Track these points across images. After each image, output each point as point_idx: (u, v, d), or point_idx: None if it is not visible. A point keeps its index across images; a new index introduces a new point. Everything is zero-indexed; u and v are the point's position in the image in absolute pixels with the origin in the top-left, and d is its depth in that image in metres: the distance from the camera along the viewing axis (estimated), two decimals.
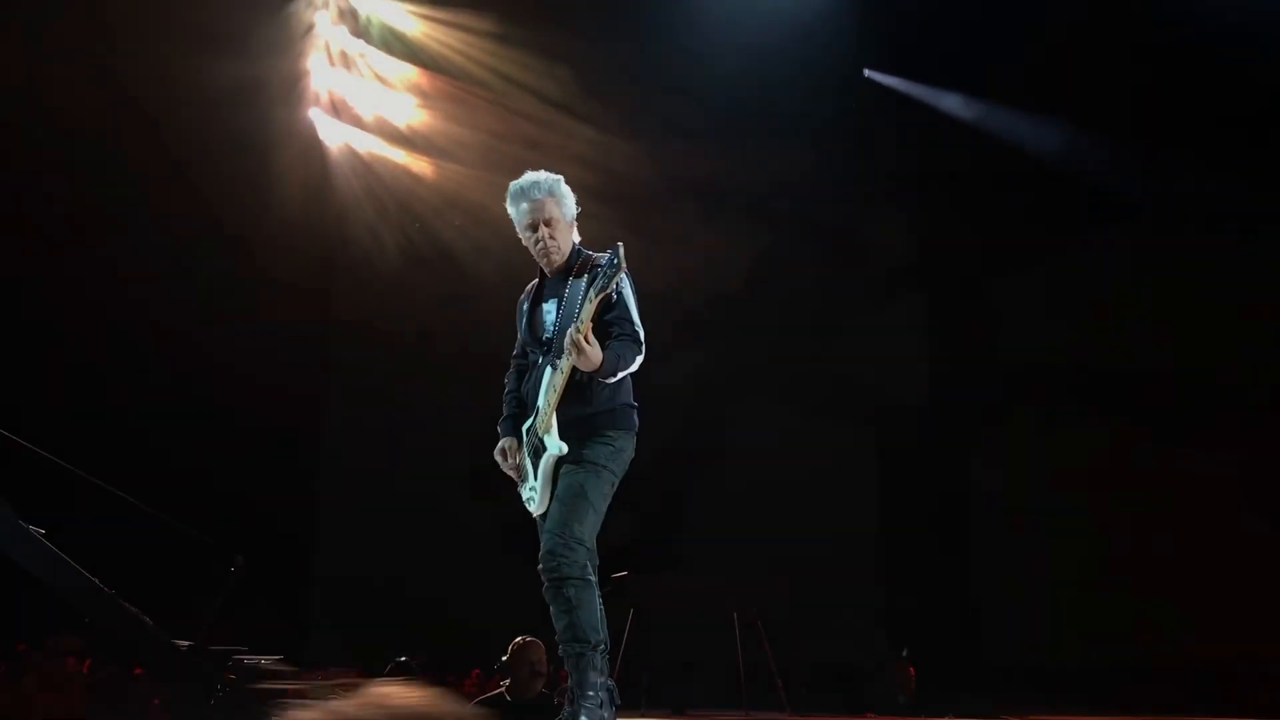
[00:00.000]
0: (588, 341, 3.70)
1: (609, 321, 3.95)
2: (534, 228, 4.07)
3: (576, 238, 4.18)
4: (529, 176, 4.15)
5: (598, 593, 3.91)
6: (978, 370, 12.78)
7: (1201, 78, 10.85)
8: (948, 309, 13.01)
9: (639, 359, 3.97)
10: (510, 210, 4.17)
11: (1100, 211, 11.89)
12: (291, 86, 11.93)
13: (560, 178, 4.16)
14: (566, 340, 3.75)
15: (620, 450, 4.03)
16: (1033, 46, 11.35)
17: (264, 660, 7.15)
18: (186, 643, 6.88)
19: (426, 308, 12.48)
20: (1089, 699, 10.26)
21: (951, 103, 12.22)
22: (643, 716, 8.77)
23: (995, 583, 12.56)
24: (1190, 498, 11.35)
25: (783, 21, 11.51)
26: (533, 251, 4.13)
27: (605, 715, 3.83)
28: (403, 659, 8.15)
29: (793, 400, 12.15)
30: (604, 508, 3.98)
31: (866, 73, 12.43)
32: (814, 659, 11.20)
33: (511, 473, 4.15)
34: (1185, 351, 11.73)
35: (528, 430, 4.09)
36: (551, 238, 4.05)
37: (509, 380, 4.34)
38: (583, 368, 3.76)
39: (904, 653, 10.88)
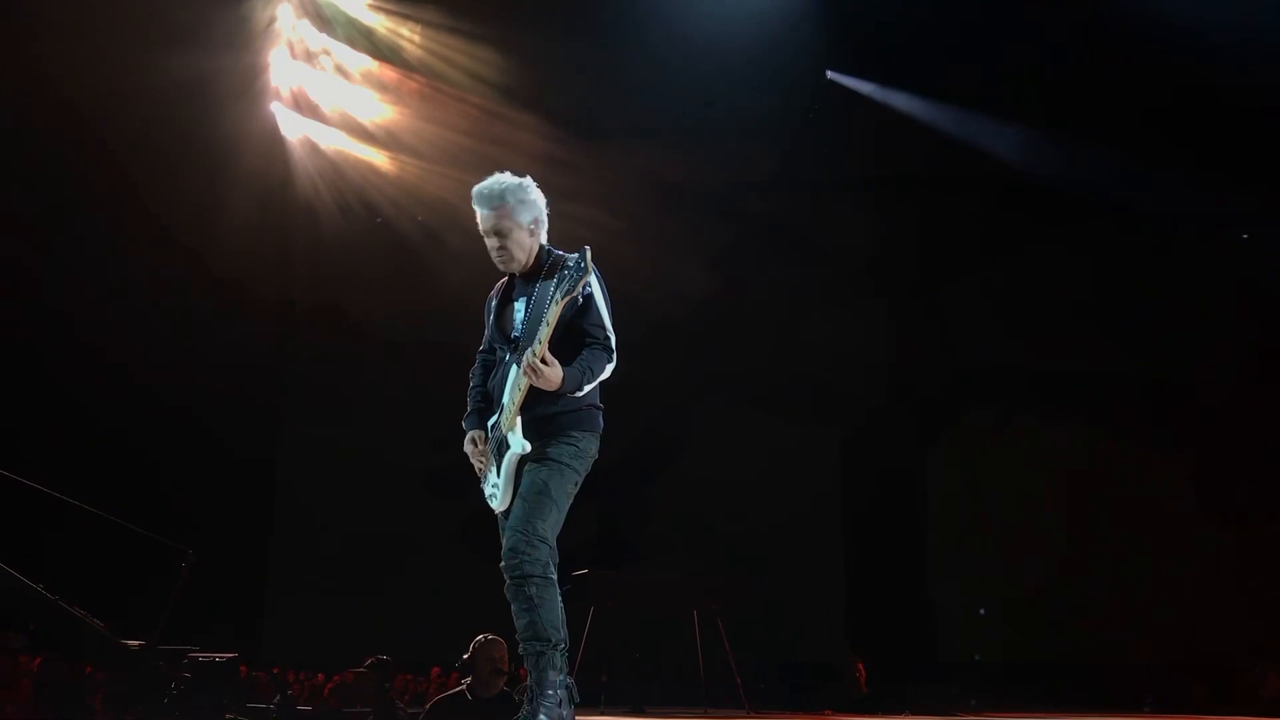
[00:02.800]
0: (545, 363, 3.71)
1: (580, 328, 3.94)
2: (488, 235, 4.07)
3: (544, 238, 4.17)
4: (491, 182, 4.08)
5: (559, 591, 3.90)
6: (936, 371, 12.91)
7: (1161, 83, 11.00)
8: (907, 310, 13.12)
9: (609, 367, 3.95)
10: (475, 209, 4.15)
11: (1058, 214, 12.03)
12: (251, 81, 11.79)
13: (525, 181, 4.10)
14: (524, 363, 3.75)
15: (584, 451, 4.02)
16: (993, 52, 11.45)
17: (218, 657, 7.10)
18: (138, 642, 6.82)
19: (388, 301, 12.40)
20: (1042, 696, 10.39)
21: (912, 105, 12.31)
22: (602, 714, 8.76)
23: (951, 581, 12.70)
24: (1144, 498, 11.53)
25: (746, 22, 11.52)
26: (491, 256, 4.13)
27: (564, 714, 3.82)
28: (382, 656, 8.10)
29: (754, 399, 12.20)
30: (566, 506, 3.96)
31: (829, 74, 12.48)
32: (774, 657, 11.26)
33: (479, 462, 4.13)
34: (1141, 353, 11.92)
35: (492, 427, 4.07)
36: (503, 248, 4.02)
37: (474, 375, 4.31)
38: (543, 388, 3.77)
39: (853, 651, 10.97)
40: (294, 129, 12.28)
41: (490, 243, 4.07)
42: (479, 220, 4.09)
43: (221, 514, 11.47)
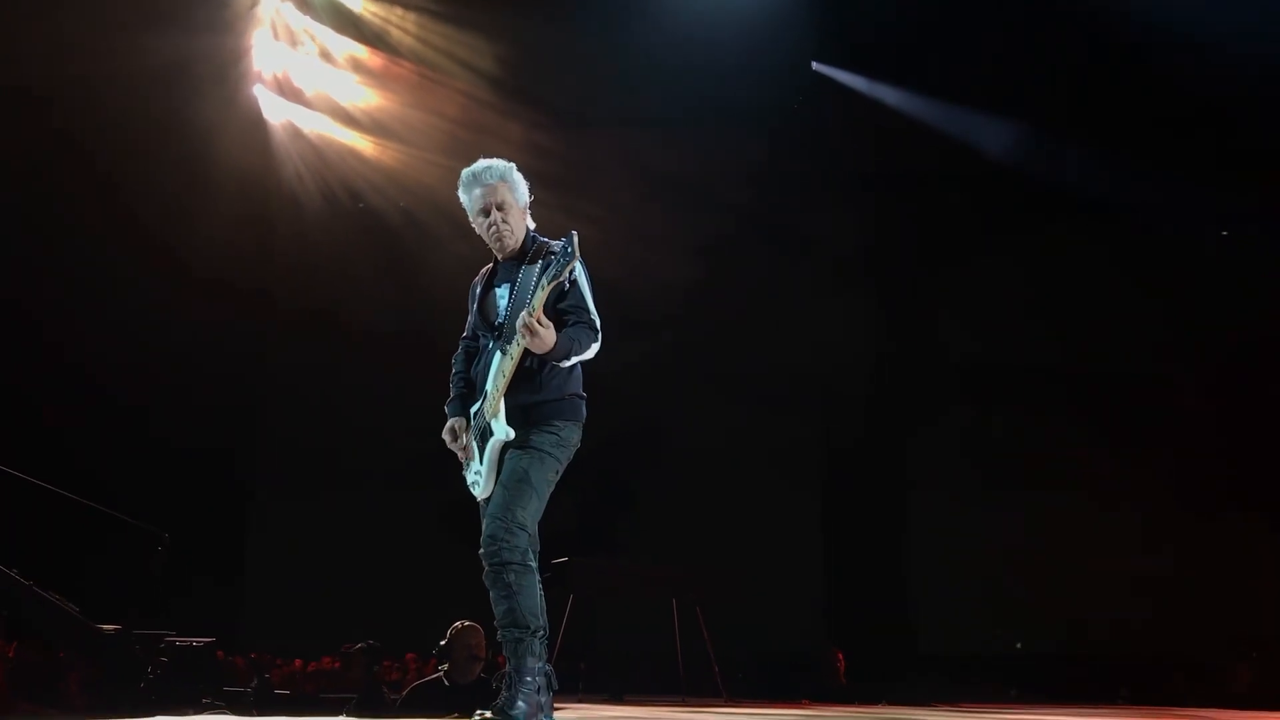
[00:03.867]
0: (540, 324, 3.70)
1: (565, 310, 3.94)
2: (486, 212, 4.04)
3: (531, 224, 4.16)
4: (482, 162, 4.11)
5: (538, 579, 3.91)
6: (920, 364, 12.96)
7: (1145, 81, 11.04)
8: (893, 303, 13.16)
9: (595, 346, 3.95)
10: (462, 197, 4.13)
11: (1044, 210, 12.08)
12: (232, 65, 11.65)
13: (513, 165, 4.13)
14: (519, 322, 3.73)
15: (566, 440, 4.01)
16: (983, 45, 11.48)
17: (195, 642, 7.08)
18: (114, 626, 6.79)
19: (369, 289, 12.36)
20: (1019, 688, 10.46)
21: (899, 99, 12.32)
22: (580, 702, 8.78)
23: (932, 573, 12.77)
24: (1124, 493, 11.62)
25: (734, 13, 11.50)
26: (485, 237, 4.10)
27: (542, 700, 3.83)
28: (372, 641, 8.09)
29: (739, 390, 12.22)
30: (547, 494, 3.96)
31: (814, 66, 12.48)
32: (753, 647, 11.29)
33: (459, 452, 4.13)
34: (1121, 349, 11.99)
35: (475, 413, 4.07)
36: (505, 221, 4.03)
37: (457, 362, 4.30)
38: (535, 350, 3.75)
39: (831, 642, 11.02)
40: (277, 113, 12.19)
41: (489, 219, 4.07)
42: (475, 199, 4.10)
43: (200, 502, 11.41)
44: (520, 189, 4.12)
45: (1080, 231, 12.03)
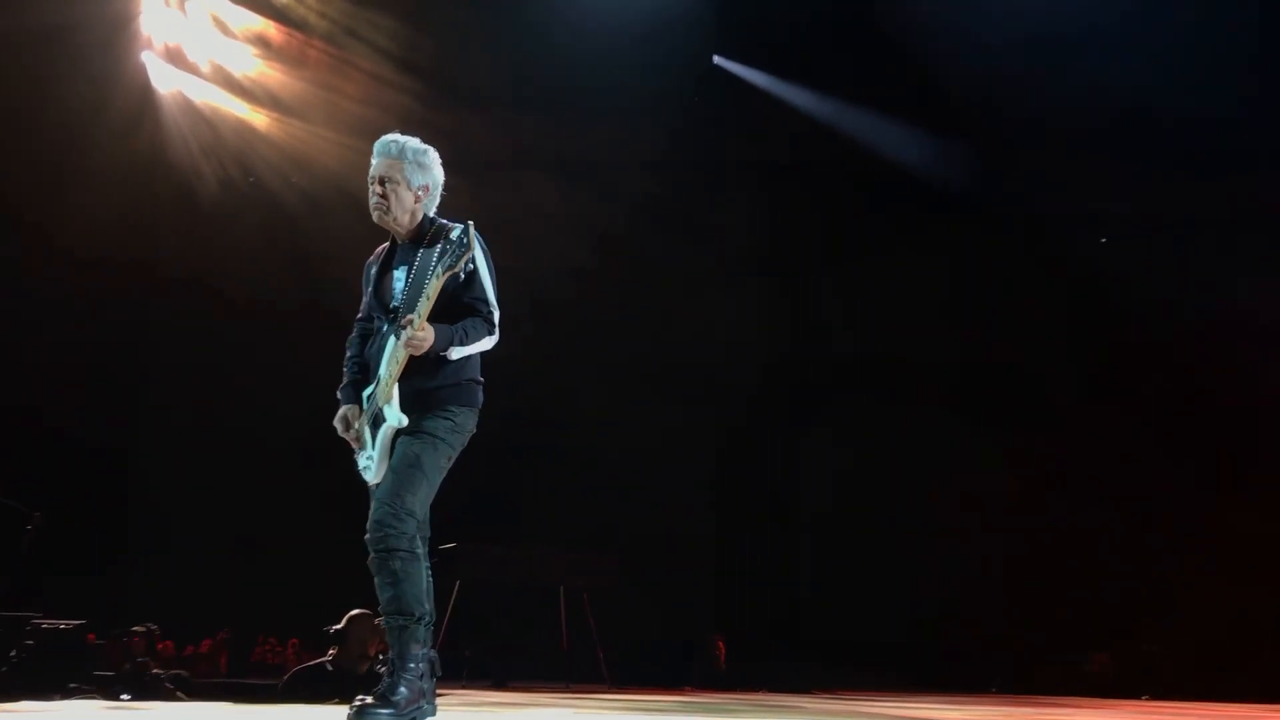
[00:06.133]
0: (420, 333, 3.71)
1: (463, 301, 3.91)
2: (373, 182, 4.03)
3: (432, 211, 4.12)
4: (395, 136, 4.09)
5: (426, 565, 3.88)
6: (814, 356, 13.21)
7: (1032, 91, 11.38)
8: (787, 296, 13.37)
9: (489, 339, 3.93)
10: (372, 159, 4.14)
11: (935, 208, 12.40)
12: (119, 29, 11.18)
13: (430, 150, 4.10)
14: (403, 338, 3.74)
15: (460, 425, 3.97)
16: (876, 47, 11.70)
17: (63, 624, 6.87)
18: None
19: (258, 265, 12.04)
20: (900, 676, 10.74)
21: (798, 95, 12.50)
22: (464, 689, 8.75)
23: (818, 562, 13.05)
24: (998, 487, 12.01)
25: (639, 1, 11.51)
26: (370, 204, 4.08)
27: (425, 687, 3.80)
28: (151, 625, 7.89)
29: (632, 378, 12.26)
30: (438, 481, 3.92)
31: (716, 59, 12.58)
32: (639, 634, 11.37)
33: (351, 441, 4.07)
34: (1010, 345, 12.40)
35: (368, 398, 4.01)
36: (384, 197, 3.98)
37: (351, 345, 4.23)
38: (416, 354, 3.74)
39: (715, 629, 11.17)
40: (166, 82, 11.77)
41: (374, 190, 4.03)
42: (371, 168, 4.07)
43: (79, 484, 11.01)
44: (419, 171, 4.05)
45: (970, 233, 12.38)
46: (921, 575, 12.10)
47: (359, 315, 4.27)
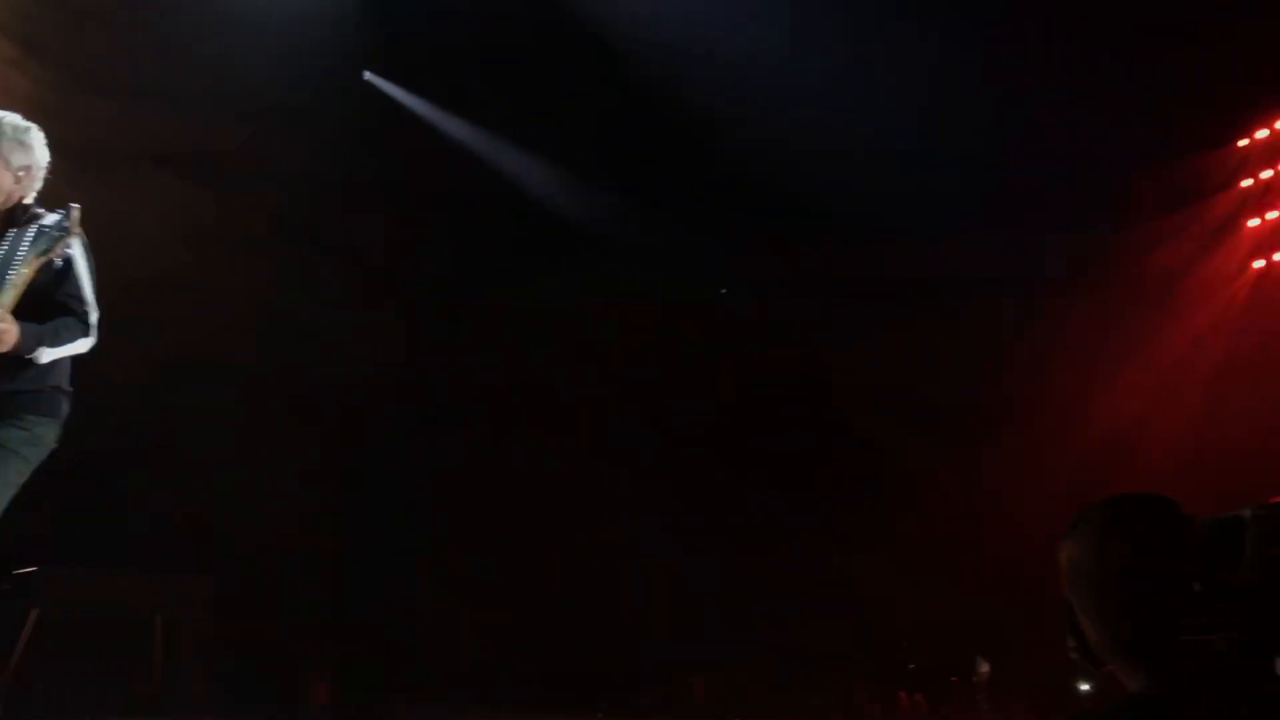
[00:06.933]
0: (4, 324, 3.37)
1: (57, 298, 3.60)
2: None
3: (31, 197, 3.80)
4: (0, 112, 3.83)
5: None
6: (444, 381, 13.21)
7: (669, 141, 12.08)
8: (422, 319, 13.30)
9: (82, 343, 3.64)
10: None
11: (577, 246, 12.82)
12: None
13: (33, 128, 3.83)
14: None
15: (38, 437, 3.64)
16: (528, 81, 11.96)
17: None
18: None
19: None
20: (508, 702, 10.90)
21: (447, 121, 12.56)
22: None
23: (440, 591, 12.98)
24: (629, 515, 12.58)
25: (291, 9, 11.12)
26: None
27: None
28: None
29: (251, 396, 11.67)
30: (9, 497, 3.57)
31: (366, 75, 12.40)
32: (242, 662, 10.78)
33: None
34: (637, 379, 13.01)
35: None
36: None
37: None
38: None
39: (317, 667, 10.84)
40: None
41: None
42: None
43: None
44: (19, 151, 3.78)
45: (601, 271, 12.88)
46: (540, 602, 12.35)
47: None
